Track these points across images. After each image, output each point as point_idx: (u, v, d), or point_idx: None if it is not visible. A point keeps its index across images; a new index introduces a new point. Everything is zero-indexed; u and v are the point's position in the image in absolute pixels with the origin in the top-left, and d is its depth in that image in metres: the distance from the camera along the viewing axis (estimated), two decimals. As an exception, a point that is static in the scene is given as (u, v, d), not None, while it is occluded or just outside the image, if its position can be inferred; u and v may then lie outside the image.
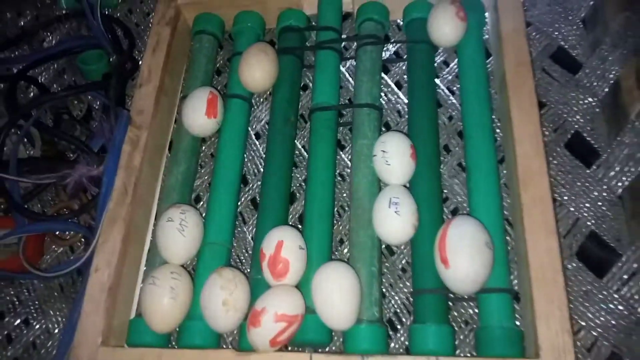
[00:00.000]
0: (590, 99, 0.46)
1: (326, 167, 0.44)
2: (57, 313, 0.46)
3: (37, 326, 0.46)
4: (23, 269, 0.45)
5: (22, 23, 0.64)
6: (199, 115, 0.45)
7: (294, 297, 0.37)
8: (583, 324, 0.39)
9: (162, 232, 0.41)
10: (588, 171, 0.44)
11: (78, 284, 0.46)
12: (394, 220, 0.39)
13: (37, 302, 0.46)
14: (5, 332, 0.46)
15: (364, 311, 0.38)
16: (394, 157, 0.41)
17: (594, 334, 0.38)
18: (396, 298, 0.42)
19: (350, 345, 0.37)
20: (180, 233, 0.40)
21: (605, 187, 0.43)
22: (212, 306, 0.37)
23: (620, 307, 0.39)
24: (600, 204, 0.42)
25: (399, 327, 0.41)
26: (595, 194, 0.43)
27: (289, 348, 0.39)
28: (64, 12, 0.61)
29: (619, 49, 0.46)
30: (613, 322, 0.38)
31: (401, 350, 0.40)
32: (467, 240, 0.36)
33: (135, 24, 0.60)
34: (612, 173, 0.43)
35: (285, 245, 0.38)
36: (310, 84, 0.51)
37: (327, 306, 0.37)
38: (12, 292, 0.47)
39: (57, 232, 0.48)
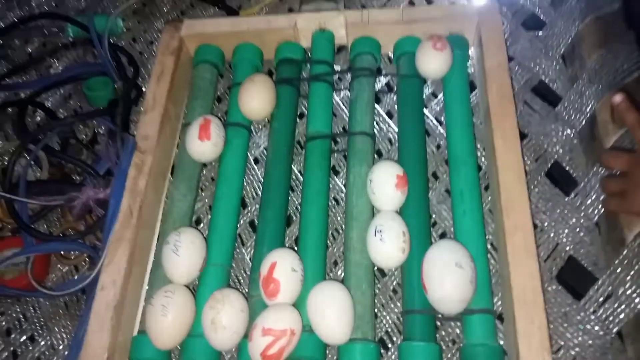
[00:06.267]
0: (568, 131, 0.49)
1: (320, 193, 0.47)
2: (62, 330, 0.47)
3: (42, 342, 0.47)
4: (30, 287, 0.46)
5: (29, 50, 0.66)
6: (194, 139, 0.48)
7: (282, 312, 0.39)
8: (562, 343, 0.41)
9: (162, 255, 0.43)
10: (567, 199, 0.46)
11: (82, 302, 0.48)
12: (379, 246, 0.41)
13: (42, 319, 0.48)
14: (12, 349, 0.47)
15: (358, 329, 0.40)
16: (378, 187, 0.44)
17: (572, 353, 0.40)
18: (387, 318, 0.44)
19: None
20: (174, 253, 0.42)
21: (582, 214, 0.45)
22: (205, 325, 0.40)
23: (597, 328, 0.41)
24: (578, 230, 0.45)
25: (389, 345, 0.43)
26: (574, 220, 0.45)
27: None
28: (70, 40, 0.63)
29: (595, 84, 0.49)
30: (590, 341, 0.41)
31: (391, 367, 0.42)
32: (437, 265, 0.39)
33: (139, 53, 0.63)
34: (589, 201, 0.46)
35: (277, 267, 0.40)
36: (306, 112, 0.54)
37: (321, 321, 0.39)
38: (18, 310, 0.49)
39: (62, 252, 0.50)
